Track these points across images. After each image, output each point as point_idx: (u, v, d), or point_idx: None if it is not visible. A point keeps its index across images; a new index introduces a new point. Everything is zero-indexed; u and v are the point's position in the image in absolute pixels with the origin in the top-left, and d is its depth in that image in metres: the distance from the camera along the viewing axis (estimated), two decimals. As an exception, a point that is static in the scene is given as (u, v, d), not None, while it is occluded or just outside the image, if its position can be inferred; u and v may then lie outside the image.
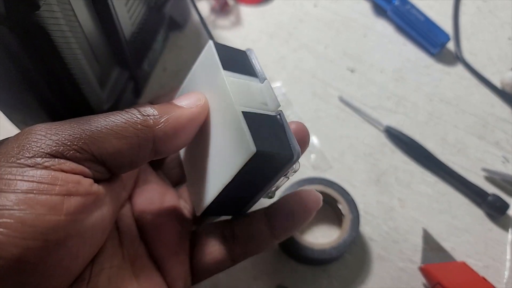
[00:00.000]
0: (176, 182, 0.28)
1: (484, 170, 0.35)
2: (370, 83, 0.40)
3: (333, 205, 0.32)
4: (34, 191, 0.16)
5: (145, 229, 0.24)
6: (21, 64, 0.23)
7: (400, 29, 0.43)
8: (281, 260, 0.31)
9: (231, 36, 0.42)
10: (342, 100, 0.38)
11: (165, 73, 0.40)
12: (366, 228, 0.33)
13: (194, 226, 0.26)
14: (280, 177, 0.21)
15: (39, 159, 0.17)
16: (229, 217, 0.25)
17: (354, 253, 0.32)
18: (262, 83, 0.22)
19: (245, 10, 0.44)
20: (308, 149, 0.36)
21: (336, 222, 0.33)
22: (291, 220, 0.23)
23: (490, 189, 0.35)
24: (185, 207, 0.26)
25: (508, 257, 0.32)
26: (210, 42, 0.22)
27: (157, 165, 0.28)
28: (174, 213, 0.25)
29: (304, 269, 0.31)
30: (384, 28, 0.43)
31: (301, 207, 0.22)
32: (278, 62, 0.41)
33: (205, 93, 0.22)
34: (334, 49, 0.41)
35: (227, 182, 0.20)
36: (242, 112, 0.19)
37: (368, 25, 0.43)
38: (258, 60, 0.23)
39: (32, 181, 0.16)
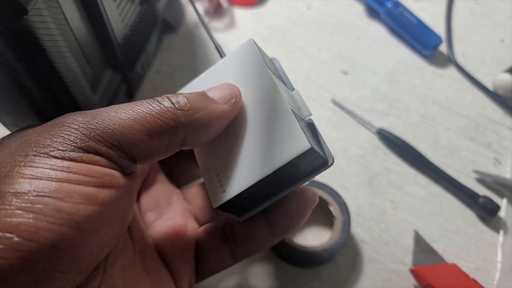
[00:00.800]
0: (181, 184, 0.28)
1: (476, 172, 0.35)
2: (363, 86, 0.40)
3: (324, 208, 0.32)
4: (71, 181, 0.16)
5: (152, 227, 0.24)
6: (11, 68, 0.23)
7: (393, 31, 0.43)
8: (273, 262, 0.31)
9: (225, 38, 0.42)
10: (335, 102, 0.39)
11: (158, 76, 0.40)
12: (358, 230, 0.33)
13: (198, 226, 0.26)
14: (310, 179, 0.21)
15: (72, 153, 0.17)
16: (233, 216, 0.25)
17: (346, 255, 0.32)
18: (292, 91, 0.23)
19: (239, 13, 0.44)
20: (301, 151, 0.36)
21: (328, 224, 0.33)
22: (289, 219, 0.23)
23: (482, 191, 0.35)
24: (190, 208, 0.27)
25: (499, 259, 0.32)
26: (251, 40, 0.23)
27: (165, 166, 0.28)
28: (180, 213, 0.25)
29: (295, 271, 0.31)
30: (377, 31, 0.43)
31: (299, 205, 0.22)
32: (271, 65, 0.41)
33: (239, 86, 0.22)
34: (327, 52, 0.42)
35: (266, 175, 0.20)
36: (291, 109, 0.20)
37: (362, 27, 0.43)
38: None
39: (69, 172, 0.16)
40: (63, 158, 0.16)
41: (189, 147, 0.20)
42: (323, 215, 0.33)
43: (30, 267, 0.14)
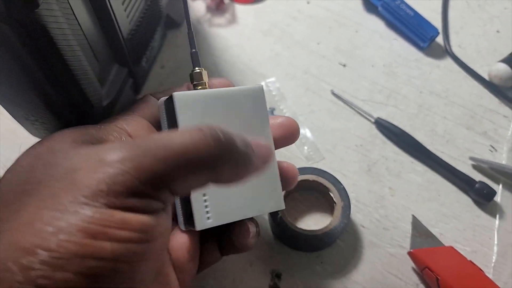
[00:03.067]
0: None
1: (472, 159, 0.36)
2: (362, 77, 0.41)
3: (325, 194, 0.33)
4: (127, 240, 0.16)
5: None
6: (23, 62, 0.24)
7: (391, 24, 0.44)
8: (276, 247, 0.32)
9: (227, 34, 0.43)
10: (334, 94, 0.40)
11: (163, 71, 0.41)
12: (357, 216, 0.34)
13: None
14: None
15: (125, 200, 0.16)
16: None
17: (346, 240, 0.33)
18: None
19: (240, 9, 0.45)
20: (301, 141, 0.37)
21: (328, 210, 0.34)
22: (239, 245, 0.26)
23: (478, 177, 0.36)
24: None
25: (495, 242, 0.33)
26: (262, 86, 0.26)
27: None
28: None
29: (297, 255, 0.32)
30: (375, 24, 0.44)
31: (244, 237, 0.26)
32: (272, 59, 0.42)
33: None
34: (326, 45, 0.43)
35: (249, 217, 0.25)
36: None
37: (360, 21, 0.44)
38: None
39: (120, 228, 0.16)
40: (115, 207, 0.16)
41: (217, 182, 0.20)
42: (323, 201, 0.34)
43: None
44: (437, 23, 0.44)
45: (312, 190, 0.34)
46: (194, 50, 0.28)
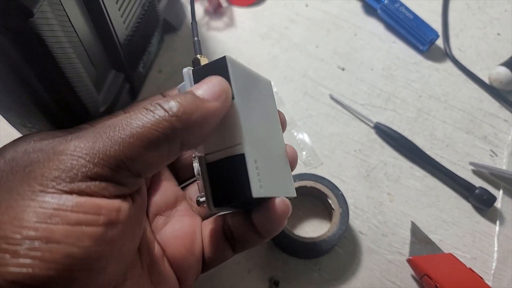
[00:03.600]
0: (184, 179, 0.29)
1: (472, 164, 0.36)
2: (360, 81, 0.41)
3: (323, 200, 0.33)
4: (81, 223, 0.16)
5: (163, 232, 0.25)
6: (19, 70, 0.24)
7: (390, 27, 0.43)
8: (274, 254, 0.32)
9: (225, 37, 0.43)
10: (332, 98, 0.39)
11: (160, 75, 0.41)
12: (356, 222, 0.34)
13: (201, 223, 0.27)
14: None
15: (80, 183, 0.17)
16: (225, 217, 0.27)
17: (345, 246, 0.33)
18: None
19: (238, 12, 0.45)
20: (300, 146, 0.37)
21: (327, 216, 0.34)
22: (271, 227, 0.24)
23: (478, 182, 0.35)
24: (193, 206, 0.28)
25: (495, 248, 0.33)
26: (270, 83, 0.27)
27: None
28: (187, 213, 0.26)
29: (295, 262, 0.32)
30: (374, 27, 0.44)
31: (275, 217, 0.24)
32: (270, 62, 0.41)
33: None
34: (325, 48, 0.42)
35: (289, 196, 0.24)
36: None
37: (359, 24, 0.44)
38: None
39: (78, 212, 0.16)
40: (71, 192, 0.17)
41: (188, 149, 0.20)
42: (322, 208, 0.34)
43: None
44: (437, 25, 0.43)
45: (310, 196, 0.34)
46: (196, 38, 0.27)
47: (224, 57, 0.22)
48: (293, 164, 0.27)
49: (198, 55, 0.26)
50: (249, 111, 0.23)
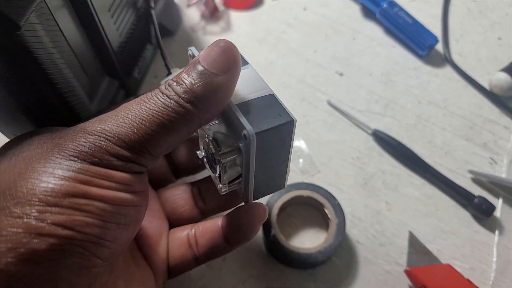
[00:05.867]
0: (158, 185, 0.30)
1: (471, 172, 0.36)
2: (359, 87, 0.40)
3: (319, 210, 0.33)
4: (113, 188, 0.19)
5: None
6: (8, 82, 0.24)
7: (389, 32, 0.43)
8: (269, 264, 0.32)
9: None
10: (330, 104, 0.39)
11: (156, 80, 0.40)
12: (353, 232, 0.33)
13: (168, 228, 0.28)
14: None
15: (103, 157, 0.19)
16: (194, 224, 0.27)
17: (341, 257, 0.32)
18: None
19: (235, 16, 0.44)
20: (296, 153, 0.36)
21: (323, 225, 0.33)
22: (242, 233, 0.24)
23: (477, 191, 0.35)
24: (164, 209, 0.28)
25: (494, 259, 0.33)
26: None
27: None
28: (156, 215, 0.27)
29: (291, 273, 0.32)
30: (373, 31, 0.43)
31: (249, 221, 0.24)
32: (267, 68, 0.41)
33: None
34: (322, 53, 0.42)
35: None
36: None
37: (357, 28, 0.43)
38: None
39: (110, 181, 0.19)
40: (93, 163, 0.19)
41: (207, 123, 0.21)
42: (318, 217, 0.33)
43: (78, 252, 0.18)
44: (437, 30, 0.43)
45: (306, 206, 0.34)
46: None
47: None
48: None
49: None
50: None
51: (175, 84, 0.20)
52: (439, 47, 0.42)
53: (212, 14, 0.43)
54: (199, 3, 0.43)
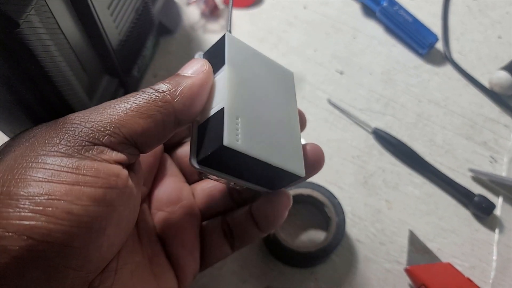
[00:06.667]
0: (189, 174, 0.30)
1: (471, 170, 0.35)
2: (359, 85, 0.40)
3: (320, 208, 0.33)
4: (80, 183, 0.17)
5: (163, 227, 0.26)
6: (7, 80, 0.23)
7: (389, 30, 0.43)
8: (269, 263, 0.32)
9: (221, 40, 0.42)
10: (330, 103, 0.39)
11: (156, 79, 0.40)
12: (353, 230, 0.33)
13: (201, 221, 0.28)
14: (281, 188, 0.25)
15: (80, 147, 0.18)
16: (224, 216, 0.27)
17: (341, 255, 0.32)
18: None
19: (235, 14, 0.44)
20: (296, 152, 0.36)
21: (323, 224, 0.33)
22: (271, 219, 0.25)
23: (477, 189, 0.35)
24: (196, 202, 0.28)
25: (494, 257, 0.33)
26: (293, 73, 0.27)
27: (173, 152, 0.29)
28: (190, 211, 0.27)
29: (291, 271, 0.32)
30: (373, 30, 0.43)
31: (276, 208, 0.25)
32: (267, 66, 0.41)
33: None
34: (323, 52, 0.42)
35: (271, 162, 0.22)
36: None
37: (358, 27, 0.43)
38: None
39: (78, 174, 0.17)
40: (72, 155, 0.18)
41: (184, 124, 0.22)
42: (318, 216, 0.33)
43: (43, 264, 0.16)
44: (437, 28, 0.42)
45: (306, 204, 0.34)
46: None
47: (224, 34, 0.23)
48: (315, 165, 0.26)
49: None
50: (246, 82, 0.23)
51: (153, 85, 0.21)
52: (439, 45, 0.42)
53: (212, 13, 0.43)
54: (199, 1, 0.43)
